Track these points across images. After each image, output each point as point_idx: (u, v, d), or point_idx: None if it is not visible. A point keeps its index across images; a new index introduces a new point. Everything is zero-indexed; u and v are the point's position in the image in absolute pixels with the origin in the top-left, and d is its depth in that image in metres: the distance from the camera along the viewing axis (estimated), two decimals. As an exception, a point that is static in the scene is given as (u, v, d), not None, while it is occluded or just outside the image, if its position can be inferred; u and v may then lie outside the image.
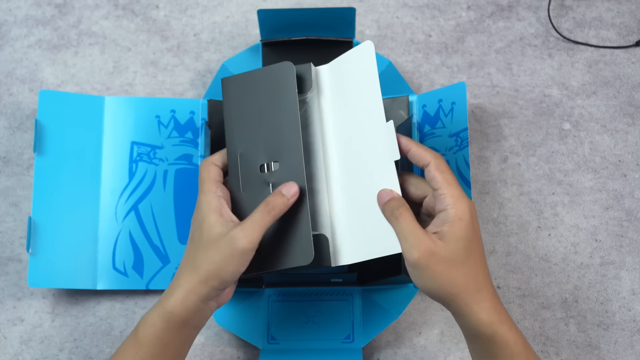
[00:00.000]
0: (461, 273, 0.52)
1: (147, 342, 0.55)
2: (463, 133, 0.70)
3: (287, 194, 0.56)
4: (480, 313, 0.53)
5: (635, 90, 0.77)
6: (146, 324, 0.55)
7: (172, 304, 0.55)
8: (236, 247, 0.53)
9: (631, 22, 0.79)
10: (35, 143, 0.70)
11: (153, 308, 0.56)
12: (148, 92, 0.77)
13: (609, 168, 0.74)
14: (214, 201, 0.56)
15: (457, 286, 0.52)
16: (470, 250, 0.53)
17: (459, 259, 0.52)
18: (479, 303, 0.53)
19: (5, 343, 0.71)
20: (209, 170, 0.59)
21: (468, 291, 0.53)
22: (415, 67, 0.78)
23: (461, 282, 0.52)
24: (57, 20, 0.79)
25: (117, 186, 0.73)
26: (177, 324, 0.55)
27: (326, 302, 0.70)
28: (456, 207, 0.53)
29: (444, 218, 0.53)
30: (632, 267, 0.72)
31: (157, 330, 0.55)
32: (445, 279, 0.52)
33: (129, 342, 0.56)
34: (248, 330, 0.69)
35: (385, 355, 0.70)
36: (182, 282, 0.55)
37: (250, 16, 0.80)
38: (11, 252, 0.73)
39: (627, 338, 0.70)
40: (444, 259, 0.52)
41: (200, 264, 0.54)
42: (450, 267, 0.52)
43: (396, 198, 0.54)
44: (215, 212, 0.56)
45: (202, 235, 0.55)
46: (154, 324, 0.55)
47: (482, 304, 0.53)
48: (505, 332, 0.53)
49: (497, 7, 0.79)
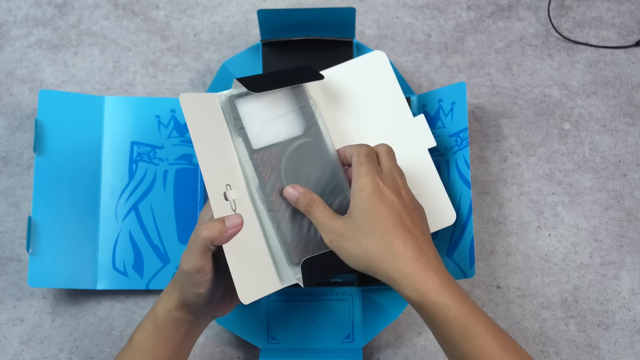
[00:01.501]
0: (371, 243, 0.53)
1: (140, 346, 0.57)
2: (463, 133, 0.70)
3: (228, 224, 0.55)
4: (403, 281, 0.52)
5: (635, 90, 0.77)
6: (140, 328, 0.58)
7: (159, 309, 0.57)
8: (181, 269, 0.55)
9: (631, 22, 0.79)
10: (35, 143, 0.70)
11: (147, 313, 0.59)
12: (148, 92, 0.77)
13: (609, 168, 0.75)
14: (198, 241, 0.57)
15: (371, 257, 0.53)
16: (376, 220, 0.54)
17: (366, 230, 0.54)
18: (398, 271, 0.52)
19: (5, 343, 0.71)
20: None
21: (384, 260, 0.53)
22: (415, 67, 0.78)
23: (373, 253, 0.53)
24: (57, 20, 0.79)
25: (117, 186, 0.73)
26: (166, 330, 0.57)
27: (326, 302, 0.70)
28: (357, 181, 0.56)
29: (350, 195, 0.56)
30: (632, 267, 0.72)
31: (148, 334, 0.57)
32: (357, 253, 0.54)
33: (125, 348, 0.58)
34: (248, 330, 0.69)
35: (385, 355, 0.70)
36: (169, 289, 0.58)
37: (250, 16, 0.80)
38: (11, 252, 0.73)
39: (627, 338, 0.70)
40: (351, 234, 0.54)
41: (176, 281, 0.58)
42: (359, 241, 0.54)
43: (303, 194, 0.57)
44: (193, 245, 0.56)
45: None
46: (146, 328, 0.58)
47: (402, 272, 0.52)
48: (434, 298, 0.52)
49: (497, 7, 0.80)
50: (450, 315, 0.52)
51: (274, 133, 0.60)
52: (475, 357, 0.51)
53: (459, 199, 0.68)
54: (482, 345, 0.51)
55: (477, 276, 0.72)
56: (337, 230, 0.55)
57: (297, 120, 0.61)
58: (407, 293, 0.52)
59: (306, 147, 0.60)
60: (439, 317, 0.52)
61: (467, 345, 0.51)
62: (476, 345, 0.51)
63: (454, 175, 0.69)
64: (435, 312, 0.52)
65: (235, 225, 0.55)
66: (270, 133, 0.60)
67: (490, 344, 0.51)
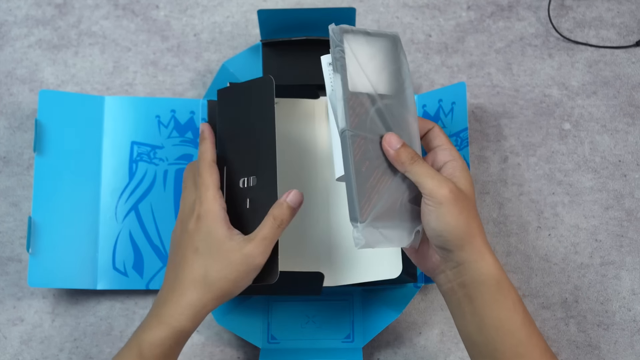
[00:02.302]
0: (475, 216, 0.54)
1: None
2: (463, 133, 0.69)
3: (293, 205, 0.55)
4: (491, 256, 0.54)
5: (635, 90, 0.77)
6: (154, 344, 0.54)
7: (183, 323, 0.54)
8: (252, 265, 0.53)
9: (631, 22, 0.79)
10: (35, 143, 0.70)
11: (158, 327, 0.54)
12: (148, 92, 0.77)
13: (609, 168, 0.75)
14: (221, 212, 0.55)
15: (476, 227, 0.53)
16: (472, 201, 0.55)
17: (473, 201, 0.54)
18: (487, 246, 0.54)
19: (5, 343, 0.71)
20: (212, 172, 0.58)
21: (482, 234, 0.54)
22: (415, 67, 0.78)
23: (476, 224, 0.54)
24: (57, 20, 0.79)
25: (117, 186, 0.73)
26: (185, 339, 0.56)
27: (326, 302, 0.70)
28: (462, 160, 0.56)
29: (453, 167, 0.55)
30: (632, 267, 0.72)
31: (166, 349, 0.54)
32: (468, 217, 0.53)
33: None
34: (248, 330, 0.69)
35: (385, 355, 0.70)
36: (193, 299, 0.54)
37: (250, 16, 0.80)
38: (11, 252, 0.73)
39: (627, 338, 0.70)
40: (465, 197, 0.53)
41: (214, 282, 0.54)
42: (470, 207, 0.54)
43: (406, 145, 0.55)
44: (222, 224, 0.55)
45: (211, 250, 0.54)
46: (163, 344, 0.54)
47: (489, 248, 0.54)
48: (507, 279, 0.54)
49: (497, 7, 0.79)
50: (516, 299, 0.54)
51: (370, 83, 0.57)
52: (528, 347, 0.53)
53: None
54: (533, 334, 0.53)
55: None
56: (454, 186, 0.53)
57: (391, 79, 0.58)
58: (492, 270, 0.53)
59: (392, 109, 0.57)
60: (508, 299, 0.53)
61: (524, 332, 0.53)
62: (530, 334, 0.53)
63: (454, 175, 0.69)
64: (507, 293, 0.53)
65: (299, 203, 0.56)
66: (366, 81, 0.57)
67: (538, 335, 0.54)
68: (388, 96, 0.57)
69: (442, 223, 0.53)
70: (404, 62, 0.59)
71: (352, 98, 0.55)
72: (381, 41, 0.59)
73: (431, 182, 0.53)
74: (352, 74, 0.56)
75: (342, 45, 0.56)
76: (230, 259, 0.53)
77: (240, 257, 0.53)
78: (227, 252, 0.54)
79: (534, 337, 0.53)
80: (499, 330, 0.53)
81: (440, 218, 0.53)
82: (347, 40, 0.57)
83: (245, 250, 0.53)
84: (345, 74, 0.56)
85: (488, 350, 0.53)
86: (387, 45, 0.59)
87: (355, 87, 0.56)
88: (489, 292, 0.53)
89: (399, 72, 0.59)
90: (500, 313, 0.53)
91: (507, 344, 0.53)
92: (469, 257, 0.53)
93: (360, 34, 0.58)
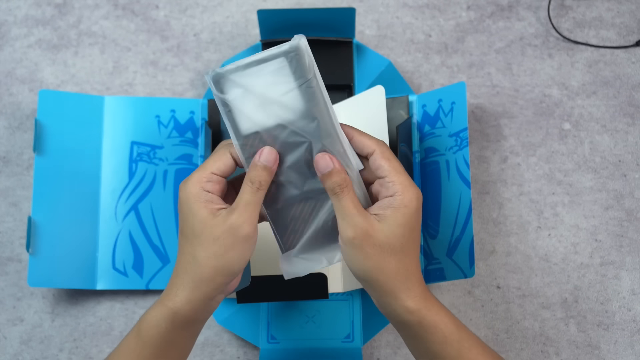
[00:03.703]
0: (394, 260, 0.51)
1: (152, 342, 0.53)
2: (463, 133, 0.69)
3: (267, 164, 0.52)
4: (406, 300, 0.52)
5: (635, 90, 0.77)
6: (150, 324, 0.53)
7: (177, 305, 0.53)
8: (239, 235, 0.51)
9: (631, 22, 0.79)
10: (35, 143, 0.70)
11: (155, 308, 0.54)
12: (148, 92, 0.77)
13: (609, 168, 0.74)
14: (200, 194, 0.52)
15: (387, 272, 0.51)
16: (407, 239, 0.52)
17: (395, 245, 0.51)
18: (406, 291, 0.52)
19: (5, 343, 0.71)
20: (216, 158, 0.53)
21: (397, 279, 0.52)
22: (415, 67, 0.78)
23: (392, 269, 0.51)
24: (57, 20, 0.79)
25: (117, 186, 0.73)
26: (183, 324, 0.53)
27: (326, 302, 0.70)
28: (404, 195, 0.51)
29: (389, 203, 0.52)
30: (632, 267, 0.72)
31: (161, 330, 0.53)
32: (375, 262, 0.51)
33: (132, 341, 0.54)
34: (248, 330, 0.69)
35: (385, 355, 0.70)
36: (185, 281, 0.53)
37: (250, 16, 0.80)
38: (11, 252, 0.73)
39: (627, 338, 0.70)
40: (380, 242, 0.51)
41: (203, 261, 0.52)
42: (384, 252, 0.51)
43: (338, 172, 0.51)
44: (202, 204, 0.52)
45: (195, 231, 0.52)
46: (159, 324, 0.53)
47: (408, 292, 0.52)
48: (433, 317, 0.52)
49: (497, 7, 0.79)
50: (447, 332, 0.52)
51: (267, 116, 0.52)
52: None
53: (459, 199, 0.68)
54: (476, 357, 0.53)
55: (477, 276, 0.72)
56: (365, 230, 0.51)
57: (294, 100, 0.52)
58: (407, 313, 0.52)
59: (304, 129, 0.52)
60: (435, 336, 0.52)
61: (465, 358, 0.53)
62: (470, 358, 0.53)
63: (453, 175, 0.69)
64: (433, 330, 0.52)
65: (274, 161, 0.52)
66: (261, 116, 0.52)
67: (482, 355, 0.53)
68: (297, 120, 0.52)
69: (347, 262, 0.52)
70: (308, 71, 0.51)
71: (248, 142, 0.52)
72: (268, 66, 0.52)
73: (341, 222, 0.51)
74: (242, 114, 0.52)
75: (223, 95, 0.52)
76: (215, 234, 0.51)
77: (225, 229, 0.51)
78: (212, 228, 0.52)
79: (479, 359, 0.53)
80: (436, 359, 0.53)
81: (345, 257, 0.52)
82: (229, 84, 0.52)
83: (229, 221, 0.51)
84: (233, 122, 0.52)
85: None
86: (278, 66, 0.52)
87: (250, 129, 0.52)
88: (413, 329, 0.53)
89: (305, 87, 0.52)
90: (430, 347, 0.53)
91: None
92: (381, 299, 0.53)
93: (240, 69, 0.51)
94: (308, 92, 0.52)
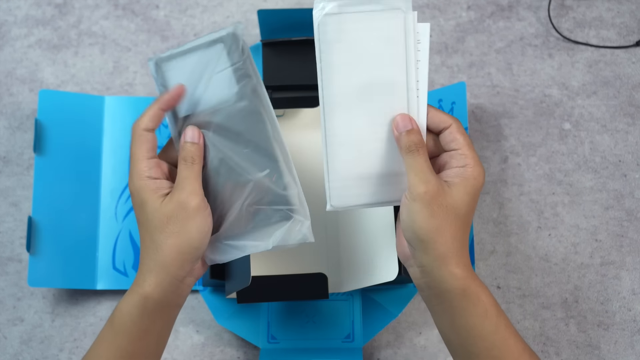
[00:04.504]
0: (455, 224, 0.53)
1: (124, 329, 0.54)
2: (463, 133, 0.69)
3: (193, 140, 0.55)
4: (456, 267, 0.52)
5: (635, 90, 0.77)
6: (122, 312, 0.54)
7: (146, 290, 0.53)
8: (189, 208, 0.53)
9: (631, 22, 0.79)
10: (35, 143, 0.70)
11: (127, 296, 0.54)
12: (148, 92, 0.77)
13: (609, 168, 0.75)
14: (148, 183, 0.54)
15: (446, 235, 0.52)
16: (470, 209, 0.54)
17: (460, 211, 0.53)
18: (457, 258, 0.53)
19: (5, 343, 0.71)
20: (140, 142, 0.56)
21: (454, 244, 0.53)
22: (415, 67, 0.78)
23: (451, 233, 0.52)
24: (57, 20, 0.79)
25: (117, 186, 0.73)
26: (155, 309, 0.54)
27: (326, 302, 0.70)
28: (474, 168, 0.54)
29: (460, 173, 0.54)
30: (632, 267, 0.72)
31: (134, 318, 0.53)
32: (439, 222, 0.52)
33: (106, 332, 0.54)
34: (248, 329, 0.69)
35: (385, 355, 0.70)
36: (151, 266, 0.54)
37: (250, 16, 0.80)
38: (11, 252, 0.73)
39: (627, 338, 0.70)
40: (447, 204, 0.52)
41: (163, 242, 0.53)
42: (449, 214, 0.52)
43: (417, 132, 0.54)
44: (151, 193, 0.54)
45: (148, 217, 0.54)
46: (130, 312, 0.54)
47: (459, 260, 0.53)
48: (477, 287, 0.53)
49: (497, 7, 0.80)
50: (488, 305, 0.53)
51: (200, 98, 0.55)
52: (503, 349, 0.52)
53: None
54: (509, 337, 0.53)
55: (478, 276, 0.72)
56: (437, 187, 0.52)
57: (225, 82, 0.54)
58: (454, 280, 0.52)
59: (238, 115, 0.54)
60: (477, 307, 0.52)
61: (499, 336, 0.52)
62: (505, 337, 0.53)
63: (454, 175, 0.69)
64: (475, 301, 0.52)
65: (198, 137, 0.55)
66: (195, 98, 0.55)
67: (515, 337, 0.53)
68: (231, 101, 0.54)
69: (409, 219, 0.53)
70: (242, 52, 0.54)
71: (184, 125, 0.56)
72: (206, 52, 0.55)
73: (414, 177, 0.53)
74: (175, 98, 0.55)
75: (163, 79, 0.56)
76: (167, 214, 0.53)
77: (174, 207, 0.53)
78: (162, 209, 0.54)
79: (510, 340, 0.53)
80: (470, 334, 0.53)
81: (409, 214, 0.53)
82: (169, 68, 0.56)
83: (175, 198, 0.53)
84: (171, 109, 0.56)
85: (463, 351, 0.54)
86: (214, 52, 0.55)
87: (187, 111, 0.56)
88: (455, 299, 0.53)
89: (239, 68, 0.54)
90: (469, 320, 0.53)
91: (480, 347, 0.53)
92: (431, 263, 0.53)
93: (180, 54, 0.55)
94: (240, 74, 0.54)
